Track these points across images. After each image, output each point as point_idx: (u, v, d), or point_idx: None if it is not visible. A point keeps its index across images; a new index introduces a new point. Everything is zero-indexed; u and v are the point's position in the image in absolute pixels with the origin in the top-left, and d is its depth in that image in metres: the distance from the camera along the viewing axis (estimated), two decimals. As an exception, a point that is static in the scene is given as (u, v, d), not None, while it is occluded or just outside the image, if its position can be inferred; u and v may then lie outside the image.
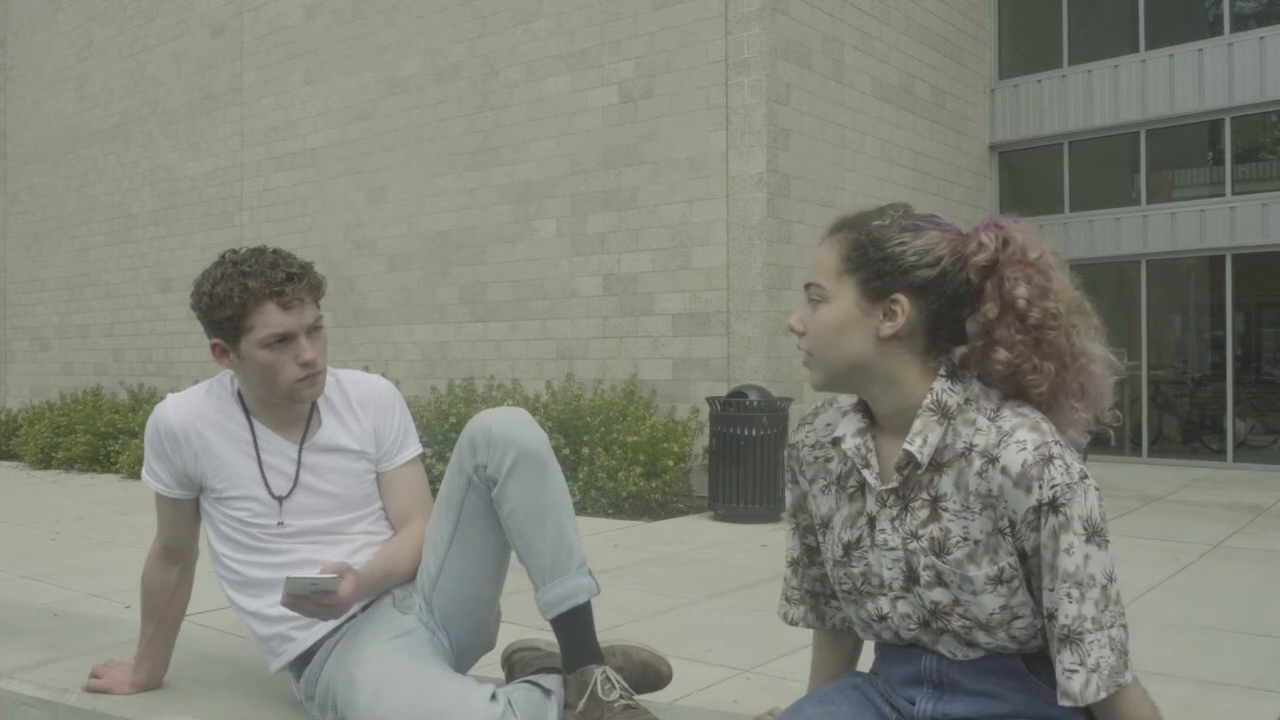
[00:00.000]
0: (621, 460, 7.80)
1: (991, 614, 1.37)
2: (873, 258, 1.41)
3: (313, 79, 11.89)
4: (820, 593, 1.66)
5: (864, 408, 1.50)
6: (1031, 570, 1.36)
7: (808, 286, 1.48)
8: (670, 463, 7.89)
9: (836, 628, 1.66)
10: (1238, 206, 11.09)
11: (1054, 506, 1.30)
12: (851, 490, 1.51)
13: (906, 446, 1.39)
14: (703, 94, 8.79)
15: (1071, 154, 12.17)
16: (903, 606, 1.44)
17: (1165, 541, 6.32)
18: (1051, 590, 1.32)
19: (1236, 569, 5.56)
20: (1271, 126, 11.47)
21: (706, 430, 8.00)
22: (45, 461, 11.87)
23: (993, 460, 1.34)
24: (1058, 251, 1.42)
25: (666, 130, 8.98)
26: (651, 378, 8.99)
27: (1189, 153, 12.10)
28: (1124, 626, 1.32)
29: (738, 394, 7.68)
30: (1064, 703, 1.32)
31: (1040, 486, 1.30)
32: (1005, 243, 1.39)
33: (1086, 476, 1.33)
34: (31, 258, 16.25)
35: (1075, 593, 1.30)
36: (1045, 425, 1.35)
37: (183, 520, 2.15)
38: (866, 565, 1.47)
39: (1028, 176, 12.46)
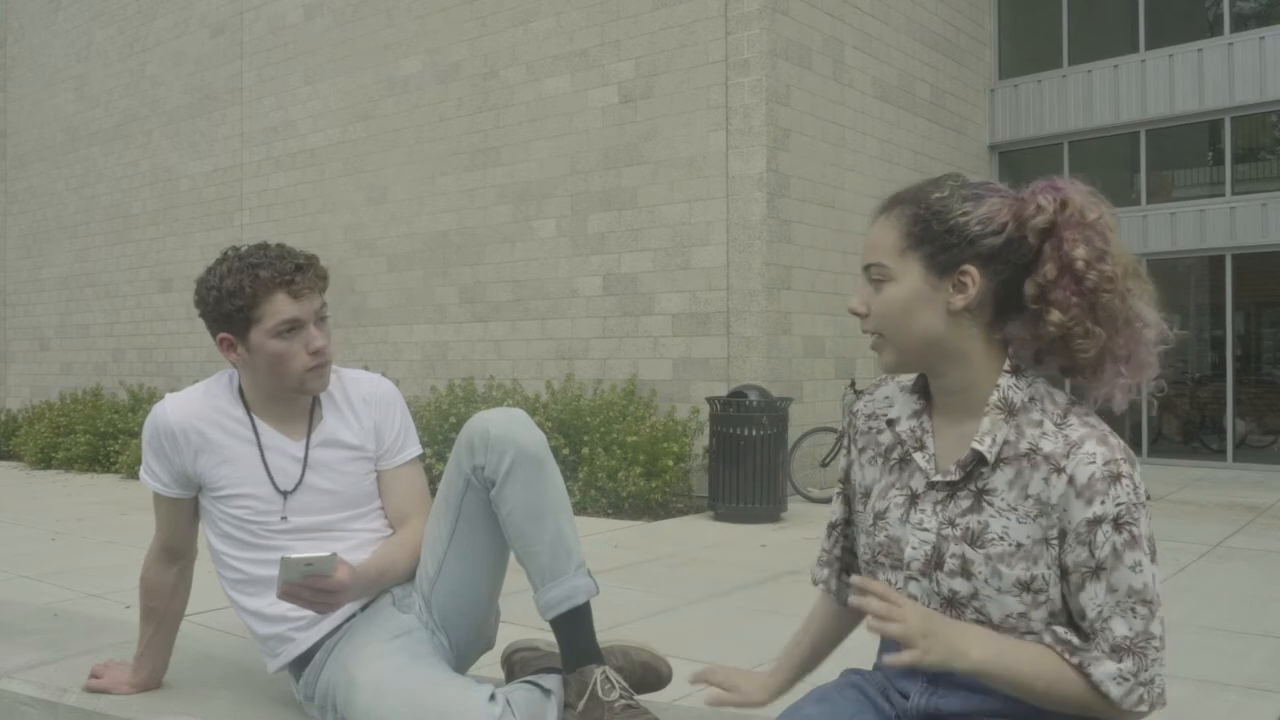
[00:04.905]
0: (621, 460, 7.80)
1: (1007, 616, 1.35)
2: (936, 231, 1.38)
3: (313, 79, 11.89)
4: (851, 564, 1.65)
5: (922, 388, 1.49)
6: (1070, 589, 1.34)
7: (867, 268, 1.43)
8: (670, 463, 7.89)
9: (849, 602, 1.65)
10: (1238, 206, 11.09)
11: (1118, 524, 1.29)
12: (894, 463, 1.50)
13: (975, 445, 1.37)
14: (702, 94, 8.79)
15: (1071, 154, 12.17)
16: (913, 588, 1.42)
17: (1165, 541, 6.32)
18: (1102, 601, 1.31)
19: (1236, 569, 5.56)
20: (1271, 126, 11.46)
21: (706, 430, 8.00)
22: (45, 461, 11.88)
23: (1059, 470, 1.32)
24: (1115, 213, 1.39)
25: (666, 130, 8.98)
26: (651, 378, 8.99)
27: (1189, 153, 12.09)
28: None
29: (738, 394, 7.67)
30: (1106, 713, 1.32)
31: (1103, 502, 1.29)
32: (1064, 204, 1.37)
33: (1149, 498, 1.33)
34: (31, 258, 16.25)
35: (1144, 610, 1.30)
36: (1113, 440, 1.33)
37: (181, 519, 2.15)
38: (888, 536, 1.46)
39: (1028, 176, 12.03)
